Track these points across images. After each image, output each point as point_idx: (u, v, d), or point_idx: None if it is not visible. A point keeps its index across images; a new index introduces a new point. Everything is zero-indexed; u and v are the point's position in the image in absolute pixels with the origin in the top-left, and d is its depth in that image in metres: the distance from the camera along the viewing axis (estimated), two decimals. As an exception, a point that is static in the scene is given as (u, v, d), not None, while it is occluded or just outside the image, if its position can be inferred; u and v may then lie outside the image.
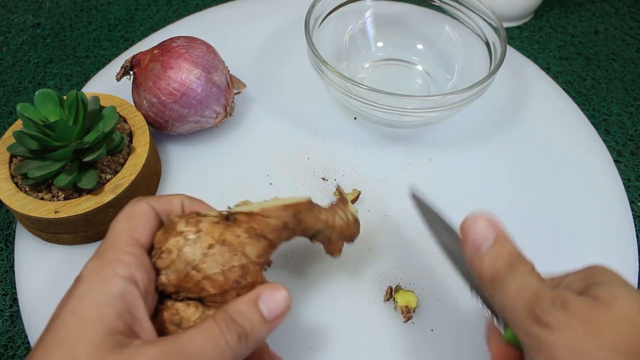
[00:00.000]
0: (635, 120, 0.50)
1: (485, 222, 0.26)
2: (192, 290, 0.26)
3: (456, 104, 0.40)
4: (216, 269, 0.26)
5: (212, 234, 0.26)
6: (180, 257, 0.26)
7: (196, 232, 0.26)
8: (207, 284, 0.26)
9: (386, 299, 0.36)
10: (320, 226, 0.31)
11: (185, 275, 0.26)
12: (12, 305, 0.37)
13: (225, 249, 0.26)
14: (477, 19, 0.46)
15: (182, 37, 0.42)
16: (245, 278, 0.26)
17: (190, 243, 0.26)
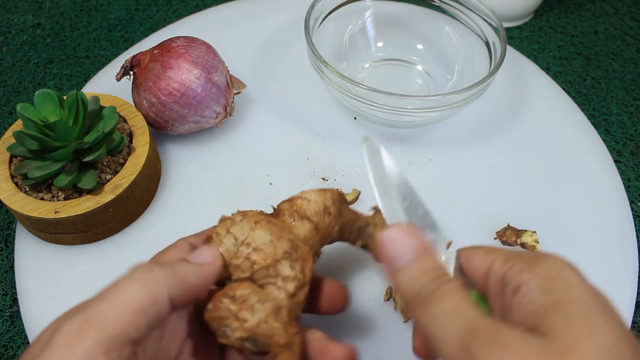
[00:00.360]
0: (635, 120, 0.50)
1: (405, 235, 0.23)
2: (244, 266, 0.26)
3: (456, 104, 0.40)
4: (265, 240, 0.26)
5: (257, 216, 0.27)
6: (229, 236, 0.26)
7: (242, 215, 0.27)
8: (257, 256, 0.26)
9: (386, 299, 0.36)
10: (362, 222, 0.31)
11: (235, 251, 0.26)
12: (12, 305, 0.37)
13: (272, 225, 0.27)
14: (477, 19, 0.46)
15: (182, 37, 0.42)
16: (297, 250, 0.26)
17: (238, 223, 0.27)
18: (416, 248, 0.23)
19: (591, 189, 0.43)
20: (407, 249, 0.23)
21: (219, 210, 0.40)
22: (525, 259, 0.23)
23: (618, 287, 0.37)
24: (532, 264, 0.23)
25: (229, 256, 0.26)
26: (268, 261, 0.26)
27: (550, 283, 0.21)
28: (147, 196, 0.40)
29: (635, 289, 0.37)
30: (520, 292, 0.22)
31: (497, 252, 0.25)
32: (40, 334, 0.21)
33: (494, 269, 0.24)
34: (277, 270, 0.26)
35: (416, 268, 0.23)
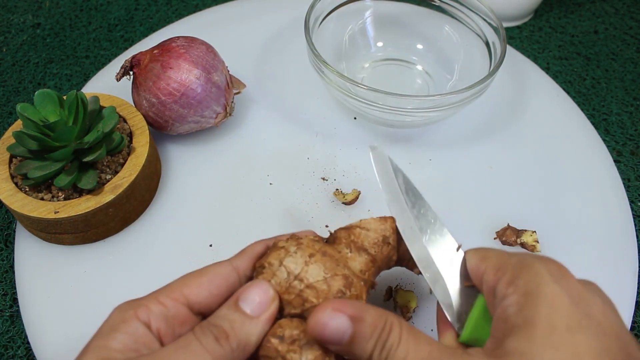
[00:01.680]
0: (635, 120, 0.50)
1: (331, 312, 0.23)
2: (295, 303, 0.25)
3: (456, 103, 0.40)
4: (319, 277, 0.25)
5: (312, 246, 0.26)
6: (282, 269, 0.25)
7: (297, 245, 0.26)
8: (310, 294, 0.25)
9: (386, 299, 0.36)
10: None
11: (287, 286, 0.25)
12: (12, 305, 0.37)
13: (327, 258, 0.26)
14: (477, 18, 0.46)
15: (182, 37, 0.42)
16: (350, 289, 0.25)
17: (292, 254, 0.26)
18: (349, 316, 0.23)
19: (591, 188, 0.43)
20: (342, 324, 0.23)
21: (219, 210, 0.40)
22: (513, 268, 0.24)
23: (618, 287, 0.37)
24: (516, 275, 0.23)
25: (281, 290, 0.25)
26: (320, 300, 0.25)
27: (525, 300, 0.22)
28: (147, 196, 0.40)
29: (635, 289, 0.37)
30: (501, 306, 0.23)
31: (490, 258, 0.25)
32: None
33: (486, 279, 0.25)
34: None
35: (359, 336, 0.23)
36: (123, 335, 0.23)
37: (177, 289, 0.25)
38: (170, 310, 0.24)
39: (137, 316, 0.23)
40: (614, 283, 0.37)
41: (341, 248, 0.27)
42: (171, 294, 0.25)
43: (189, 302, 0.25)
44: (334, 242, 0.28)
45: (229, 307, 0.24)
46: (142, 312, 0.24)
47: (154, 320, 0.24)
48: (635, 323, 0.37)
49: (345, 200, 0.40)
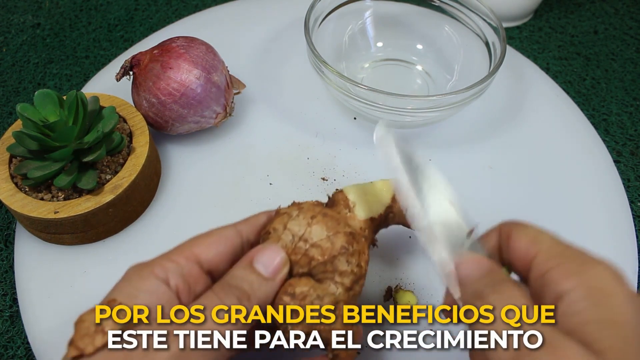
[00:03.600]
0: (635, 120, 0.50)
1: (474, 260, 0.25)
2: (302, 262, 0.26)
3: (456, 104, 0.40)
4: (322, 236, 0.27)
5: (313, 209, 0.28)
6: (287, 232, 0.27)
7: (298, 209, 0.28)
8: (315, 252, 0.26)
9: (386, 299, 0.36)
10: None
11: (293, 248, 0.26)
12: (12, 305, 0.37)
13: (328, 219, 0.27)
14: (477, 19, 0.46)
15: (182, 37, 0.42)
16: (352, 245, 0.27)
17: (294, 218, 0.27)
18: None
19: (591, 189, 0.43)
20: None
21: (219, 210, 0.40)
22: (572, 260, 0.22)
23: (618, 287, 0.37)
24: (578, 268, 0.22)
25: (288, 252, 0.27)
26: (325, 257, 0.26)
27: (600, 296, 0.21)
28: (147, 196, 0.40)
29: (635, 288, 0.37)
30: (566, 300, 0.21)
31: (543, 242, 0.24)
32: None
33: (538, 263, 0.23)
34: (334, 265, 0.27)
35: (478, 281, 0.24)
36: (145, 294, 0.23)
37: (187, 249, 0.26)
38: (184, 267, 0.25)
39: (154, 274, 0.24)
40: (614, 283, 0.37)
41: (340, 209, 0.29)
42: (183, 253, 0.25)
43: (199, 260, 0.26)
44: (333, 205, 0.30)
45: (244, 268, 0.25)
46: (159, 270, 0.24)
47: (172, 277, 0.24)
48: (635, 323, 0.37)
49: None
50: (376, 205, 0.30)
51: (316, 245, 0.26)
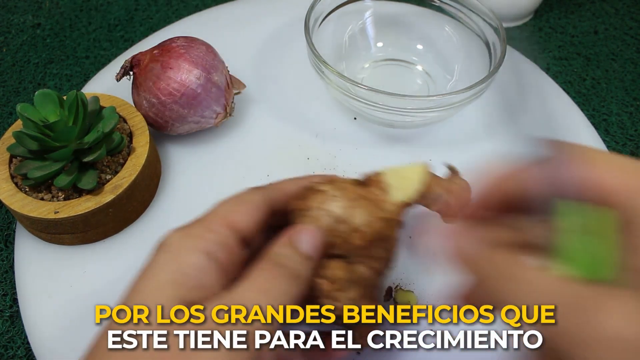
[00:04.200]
0: (635, 120, 0.50)
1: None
2: (340, 245, 0.26)
3: (456, 104, 0.40)
4: (363, 221, 0.26)
5: (352, 190, 0.27)
6: (325, 212, 0.26)
7: (334, 187, 0.27)
8: (354, 237, 0.26)
9: (386, 299, 0.36)
10: (438, 189, 0.31)
11: (332, 230, 0.26)
12: (12, 305, 0.37)
13: (368, 202, 0.27)
14: (477, 19, 0.46)
15: (182, 38, 0.42)
16: (386, 231, 0.27)
17: (335, 199, 0.26)
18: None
19: (591, 189, 0.42)
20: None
21: (219, 211, 0.40)
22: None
23: (618, 287, 0.37)
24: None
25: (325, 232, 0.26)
26: (365, 242, 0.26)
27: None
28: (147, 196, 0.40)
29: (635, 289, 0.37)
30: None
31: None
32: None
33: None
34: (370, 251, 0.27)
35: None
36: (194, 271, 0.22)
37: (222, 216, 0.25)
38: (224, 238, 0.24)
39: (199, 248, 0.23)
40: (614, 283, 0.37)
41: (375, 190, 0.29)
42: (220, 221, 0.24)
43: (235, 229, 0.25)
44: (368, 185, 0.29)
45: (285, 246, 0.25)
46: (202, 243, 0.23)
47: (215, 250, 0.23)
48: (635, 323, 0.37)
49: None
50: (410, 190, 0.30)
51: (357, 230, 0.26)
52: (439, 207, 0.32)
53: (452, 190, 0.31)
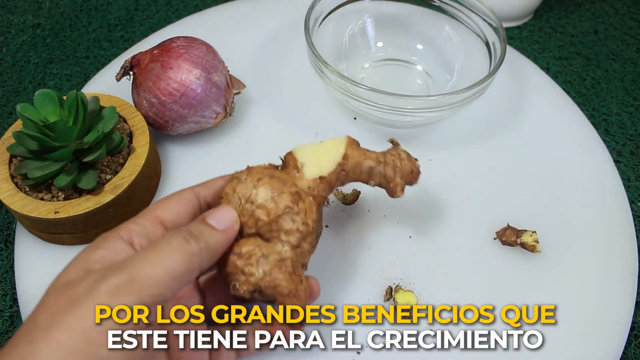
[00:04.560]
0: (635, 120, 0.50)
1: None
2: (250, 223, 0.28)
3: (456, 104, 0.40)
4: (267, 197, 0.28)
5: (261, 172, 0.29)
6: (235, 195, 0.28)
7: (247, 173, 0.29)
8: (260, 213, 0.27)
9: (386, 299, 0.36)
10: (371, 162, 0.31)
11: (241, 210, 0.28)
12: (12, 305, 0.37)
13: (274, 180, 0.28)
14: (477, 19, 0.46)
15: (182, 38, 0.42)
16: (298, 204, 0.28)
17: (243, 181, 0.28)
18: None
19: (591, 189, 0.43)
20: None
21: (219, 211, 0.40)
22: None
23: (618, 287, 0.37)
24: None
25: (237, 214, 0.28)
26: (271, 217, 0.27)
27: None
28: (147, 196, 0.40)
29: (635, 289, 0.37)
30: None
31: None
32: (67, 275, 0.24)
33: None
34: (279, 224, 0.28)
35: None
36: (103, 250, 0.25)
37: (150, 212, 0.28)
38: (148, 228, 0.27)
39: (119, 235, 0.26)
40: (614, 283, 0.37)
41: (290, 170, 0.30)
42: (146, 216, 0.27)
43: (162, 222, 0.27)
44: (285, 167, 0.30)
45: (197, 222, 0.27)
46: (124, 232, 0.26)
47: (136, 237, 0.26)
48: (635, 323, 0.37)
49: (345, 200, 0.40)
50: (327, 163, 0.31)
51: (261, 206, 0.27)
52: (378, 181, 0.32)
53: (387, 161, 0.31)
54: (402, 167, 0.32)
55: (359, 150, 0.31)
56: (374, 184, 0.32)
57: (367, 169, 0.31)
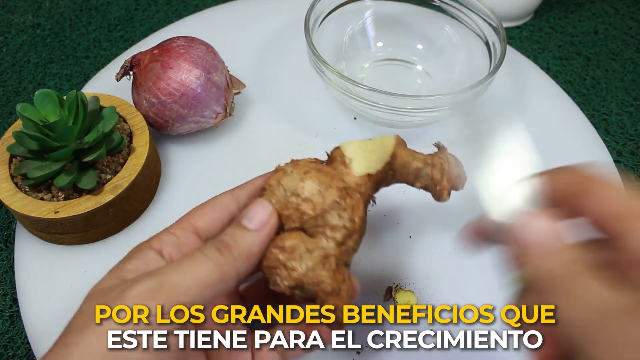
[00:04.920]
0: (635, 120, 0.50)
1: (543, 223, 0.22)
2: (294, 217, 0.27)
3: (456, 103, 0.40)
4: (314, 191, 0.27)
5: (308, 165, 0.28)
6: (280, 187, 0.27)
7: (293, 165, 0.28)
8: (306, 207, 0.26)
9: (386, 299, 0.36)
10: (419, 164, 0.30)
11: (286, 202, 0.27)
12: (12, 305, 0.37)
13: (322, 174, 0.27)
14: (477, 18, 0.46)
15: (182, 37, 0.42)
16: (345, 200, 0.27)
17: (288, 174, 0.27)
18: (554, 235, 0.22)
19: (591, 189, 0.42)
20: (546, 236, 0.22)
21: (219, 210, 0.40)
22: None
23: (618, 287, 0.37)
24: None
25: (281, 207, 0.27)
26: (317, 211, 0.26)
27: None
28: (147, 196, 0.40)
29: (635, 289, 0.37)
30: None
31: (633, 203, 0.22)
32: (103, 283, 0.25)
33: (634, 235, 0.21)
34: (325, 219, 0.27)
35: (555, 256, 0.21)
36: (136, 261, 0.25)
37: (185, 220, 0.27)
38: (180, 237, 0.26)
39: (150, 246, 0.26)
40: (614, 283, 0.37)
41: (337, 165, 0.29)
42: (180, 225, 0.27)
43: (196, 230, 0.27)
44: (331, 162, 0.30)
45: (232, 226, 0.26)
46: (155, 242, 0.26)
47: (166, 247, 0.26)
48: (635, 323, 0.37)
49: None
50: (375, 161, 0.30)
51: (307, 199, 0.26)
52: (424, 183, 0.31)
53: (435, 164, 0.30)
54: (449, 171, 0.31)
55: (407, 151, 0.30)
56: (419, 185, 0.30)
57: (415, 170, 0.30)
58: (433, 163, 0.30)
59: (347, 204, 0.27)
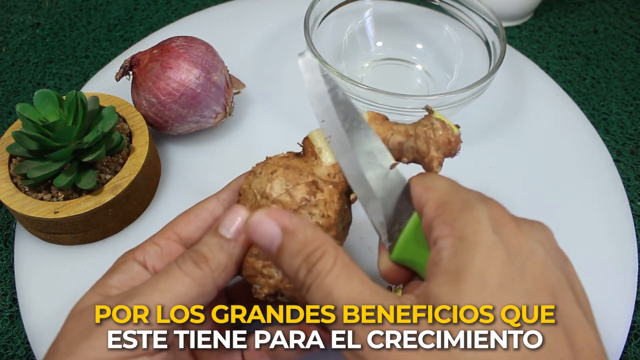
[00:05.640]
0: (635, 119, 0.50)
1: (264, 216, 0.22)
2: None
3: (456, 103, 0.40)
4: (281, 190, 0.25)
5: (276, 163, 0.27)
6: (251, 191, 0.26)
7: (263, 165, 0.27)
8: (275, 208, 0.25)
9: (386, 299, 0.35)
10: (400, 137, 0.27)
11: (257, 207, 0.26)
12: (12, 305, 0.37)
13: (289, 171, 0.26)
14: (477, 18, 0.46)
15: (182, 37, 0.42)
16: (316, 195, 0.26)
17: (258, 175, 0.26)
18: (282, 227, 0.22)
19: (591, 188, 0.43)
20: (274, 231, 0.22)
21: (218, 210, 0.40)
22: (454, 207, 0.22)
23: (618, 287, 0.37)
24: (455, 217, 0.22)
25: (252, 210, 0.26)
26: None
27: (460, 246, 0.21)
28: (146, 196, 0.40)
29: (635, 289, 0.37)
30: (436, 247, 0.22)
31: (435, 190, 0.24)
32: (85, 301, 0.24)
33: (426, 212, 0.23)
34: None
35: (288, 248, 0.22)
36: (120, 275, 0.25)
37: (169, 229, 0.27)
38: (164, 248, 0.26)
39: (134, 258, 0.26)
40: (614, 283, 0.37)
41: (308, 157, 0.27)
42: (164, 235, 0.27)
43: (181, 239, 0.27)
44: (304, 154, 0.28)
45: (209, 234, 0.26)
46: (139, 254, 0.26)
47: (149, 259, 0.26)
48: (635, 323, 0.37)
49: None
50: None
51: (276, 201, 0.25)
52: (411, 158, 0.28)
53: (419, 134, 0.27)
54: (436, 139, 0.27)
55: (384, 126, 0.28)
56: (407, 161, 0.28)
57: (396, 145, 0.27)
58: (416, 133, 0.27)
59: (319, 200, 0.26)
